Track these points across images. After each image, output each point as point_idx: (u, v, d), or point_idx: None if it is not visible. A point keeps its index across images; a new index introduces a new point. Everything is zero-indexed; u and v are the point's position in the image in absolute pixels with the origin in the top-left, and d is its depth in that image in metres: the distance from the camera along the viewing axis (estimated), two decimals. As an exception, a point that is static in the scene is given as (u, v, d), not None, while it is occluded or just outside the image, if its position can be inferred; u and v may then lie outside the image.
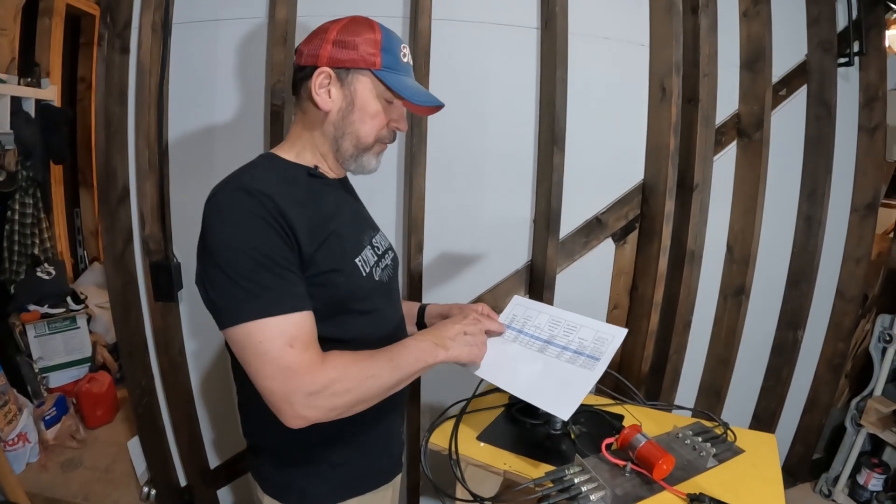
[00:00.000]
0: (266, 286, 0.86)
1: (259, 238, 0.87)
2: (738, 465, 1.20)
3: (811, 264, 2.23)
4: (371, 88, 1.01)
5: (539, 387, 1.11)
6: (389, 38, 1.01)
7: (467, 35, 1.73)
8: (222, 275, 0.87)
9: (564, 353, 1.17)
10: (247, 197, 0.88)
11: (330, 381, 0.87)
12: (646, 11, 1.86)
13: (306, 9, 1.68)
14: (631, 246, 1.99)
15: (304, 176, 1.02)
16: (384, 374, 0.94)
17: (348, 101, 1.01)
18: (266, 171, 0.99)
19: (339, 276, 0.98)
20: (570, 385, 1.08)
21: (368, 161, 1.06)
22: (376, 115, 1.02)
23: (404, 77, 1.03)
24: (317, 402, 0.86)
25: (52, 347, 3.07)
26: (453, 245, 1.84)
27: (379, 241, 1.15)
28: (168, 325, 1.85)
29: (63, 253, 3.67)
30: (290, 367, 0.85)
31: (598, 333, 1.18)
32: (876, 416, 2.39)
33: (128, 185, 1.78)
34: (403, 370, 0.97)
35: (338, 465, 1.08)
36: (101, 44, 1.70)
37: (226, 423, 2.01)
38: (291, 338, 0.86)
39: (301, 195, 0.96)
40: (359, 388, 0.91)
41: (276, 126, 1.68)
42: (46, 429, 2.69)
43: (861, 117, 2.31)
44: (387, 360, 0.95)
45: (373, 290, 1.06)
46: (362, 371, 0.91)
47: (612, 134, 1.89)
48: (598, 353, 1.14)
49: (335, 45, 0.99)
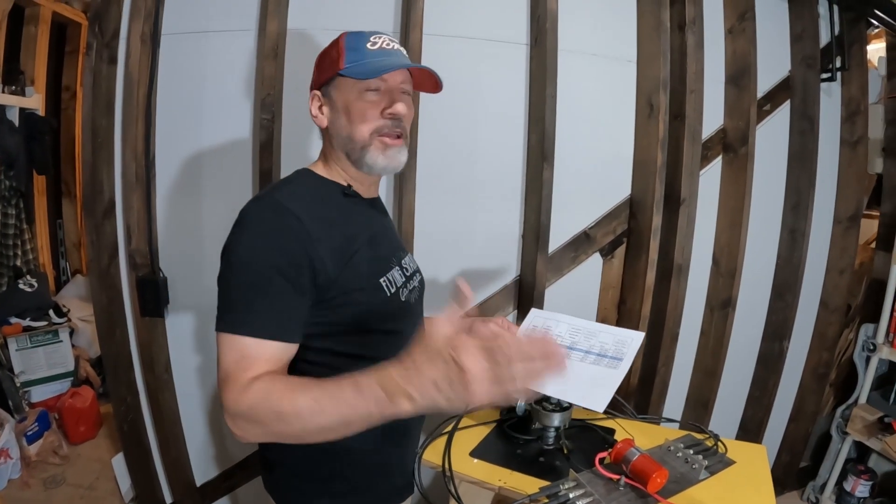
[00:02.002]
0: (252, 307, 0.89)
1: (264, 260, 0.89)
2: (730, 477, 1.21)
3: (796, 276, 2.26)
4: (345, 89, 1.03)
5: (570, 386, 1.14)
6: (354, 38, 1.04)
7: (458, 50, 1.74)
8: (225, 281, 0.92)
9: (588, 356, 1.21)
10: (273, 214, 0.92)
11: (246, 408, 0.83)
12: (633, 29, 1.89)
13: (297, 22, 1.68)
14: (619, 260, 2.01)
15: (338, 194, 1.06)
16: (303, 416, 0.79)
17: (334, 110, 1.05)
18: (301, 187, 1.03)
19: (362, 294, 0.99)
20: (600, 383, 1.13)
21: (374, 158, 1.04)
22: (360, 110, 1.02)
23: (371, 60, 1.02)
24: (239, 423, 0.84)
25: (33, 361, 3.02)
26: (443, 260, 1.84)
27: (408, 263, 1.17)
28: (154, 340, 1.82)
29: (45, 265, 3.62)
30: (226, 380, 0.86)
31: (617, 337, 1.23)
32: (861, 423, 2.42)
33: (114, 198, 1.76)
34: (328, 416, 0.78)
35: (352, 483, 1.08)
36: (89, 53, 1.68)
37: (213, 439, 1.98)
38: (242, 356, 0.87)
39: (331, 214, 1.00)
40: (271, 426, 0.82)
41: (265, 140, 1.67)
42: (28, 445, 2.64)
43: (843, 131, 2.36)
44: (312, 399, 0.78)
45: (398, 310, 1.06)
46: (274, 408, 0.81)
47: (600, 149, 1.91)
48: (621, 355, 1.18)
49: (316, 69, 1.09)
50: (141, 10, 1.65)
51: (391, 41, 1.06)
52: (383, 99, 1.03)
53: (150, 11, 1.65)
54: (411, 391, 0.71)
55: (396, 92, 1.04)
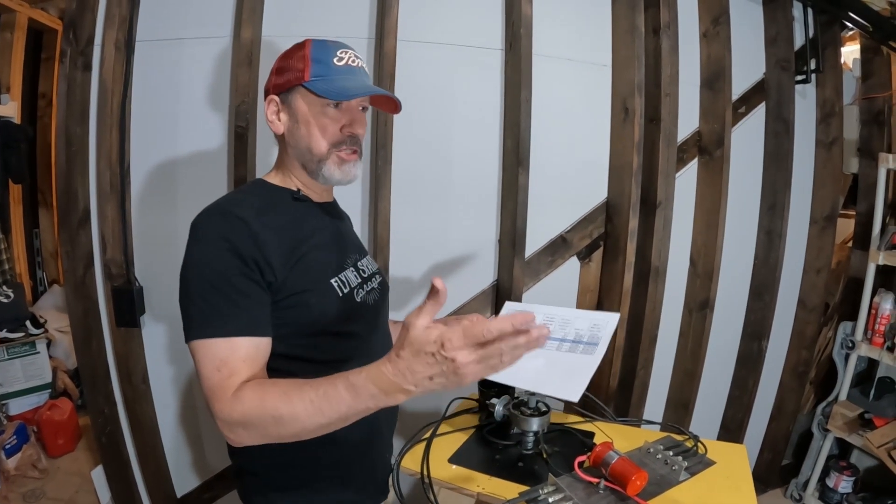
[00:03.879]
0: (216, 308, 0.89)
1: (220, 260, 0.90)
2: (711, 477, 1.22)
3: (773, 276, 2.29)
4: (307, 101, 1.04)
5: (545, 378, 1.13)
6: (320, 49, 1.04)
7: (433, 56, 1.74)
8: (186, 294, 0.92)
9: (563, 344, 1.19)
10: (220, 219, 0.94)
11: (240, 416, 0.84)
12: (608, 33, 1.90)
13: (272, 29, 1.67)
14: (596, 263, 2.02)
15: (289, 200, 1.07)
16: (301, 418, 0.81)
17: (293, 119, 1.05)
18: (250, 195, 1.04)
19: (311, 295, 0.99)
20: (576, 371, 1.11)
21: (330, 171, 1.06)
22: (321, 125, 1.04)
23: (337, 78, 1.03)
24: (236, 430, 0.85)
25: (10, 373, 2.96)
26: (419, 266, 1.84)
27: (365, 265, 1.17)
28: (130, 351, 1.79)
29: (22, 275, 3.57)
30: (213, 391, 0.87)
31: (592, 321, 1.21)
32: (842, 420, 2.45)
33: (89, 207, 1.74)
34: (327, 416, 0.80)
35: (320, 491, 1.08)
36: (63, 60, 1.65)
37: (192, 450, 1.96)
38: (220, 362, 0.87)
39: (280, 220, 1.00)
40: (269, 430, 0.84)
41: (239, 147, 1.66)
42: (7, 458, 2.59)
43: (818, 132, 2.39)
44: (308, 401, 0.80)
45: (352, 311, 1.06)
46: (271, 413, 0.82)
47: (575, 153, 1.92)
48: (596, 339, 1.17)
49: (276, 74, 1.08)
50: (115, 16, 1.62)
51: (356, 57, 1.07)
52: (344, 116, 1.05)
53: (125, 18, 1.64)
54: (408, 386, 0.74)
55: (356, 110, 1.07)
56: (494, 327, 0.68)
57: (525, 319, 0.69)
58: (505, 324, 0.69)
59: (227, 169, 1.72)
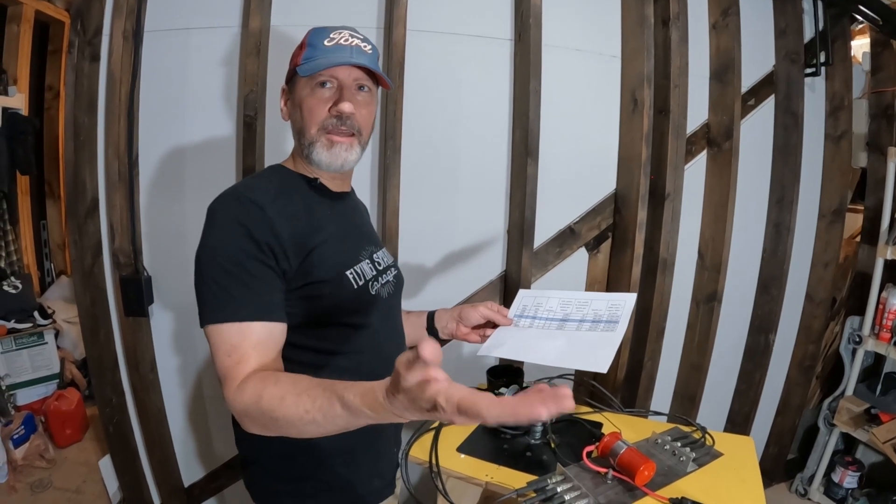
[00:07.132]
0: (230, 293, 0.89)
1: (235, 245, 0.90)
2: (718, 469, 1.22)
3: (781, 269, 2.28)
4: (300, 85, 1.03)
5: (569, 353, 1.12)
6: (315, 34, 1.04)
7: (442, 46, 1.74)
8: (200, 278, 0.92)
9: (583, 324, 1.18)
10: (236, 204, 0.93)
11: (242, 408, 0.84)
12: (618, 24, 1.89)
13: (280, 19, 1.67)
14: (604, 255, 2.01)
15: (305, 187, 1.06)
16: (297, 425, 0.79)
17: (294, 105, 1.06)
18: (267, 181, 1.03)
19: (325, 286, 0.98)
20: (599, 346, 1.10)
21: (319, 155, 1.02)
22: (310, 107, 1.02)
23: (319, 57, 1.00)
24: (241, 419, 0.86)
25: (18, 364, 2.98)
26: (428, 257, 1.83)
27: (381, 258, 1.15)
28: (139, 340, 1.80)
29: (29, 266, 3.57)
30: (223, 377, 0.88)
31: (610, 302, 1.20)
32: (848, 415, 2.44)
33: (97, 196, 1.74)
34: (325, 428, 0.78)
35: (325, 483, 1.07)
36: (71, 51, 1.65)
37: (199, 440, 1.97)
38: (231, 347, 0.87)
39: (295, 207, 0.99)
40: (269, 427, 0.83)
41: (248, 137, 1.66)
42: (15, 448, 2.61)
43: (827, 126, 2.37)
44: (304, 412, 0.77)
45: (366, 303, 1.05)
46: (268, 414, 0.81)
47: (584, 144, 1.91)
48: (616, 318, 1.15)
49: (289, 64, 1.09)
50: (123, 6, 1.62)
51: (352, 36, 1.03)
52: (334, 95, 1.02)
53: (133, 8, 1.63)
54: (402, 415, 0.68)
55: (347, 89, 1.02)
56: (494, 418, 0.59)
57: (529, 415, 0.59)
58: (507, 417, 0.59)
59: (236, 158, 1.72)
